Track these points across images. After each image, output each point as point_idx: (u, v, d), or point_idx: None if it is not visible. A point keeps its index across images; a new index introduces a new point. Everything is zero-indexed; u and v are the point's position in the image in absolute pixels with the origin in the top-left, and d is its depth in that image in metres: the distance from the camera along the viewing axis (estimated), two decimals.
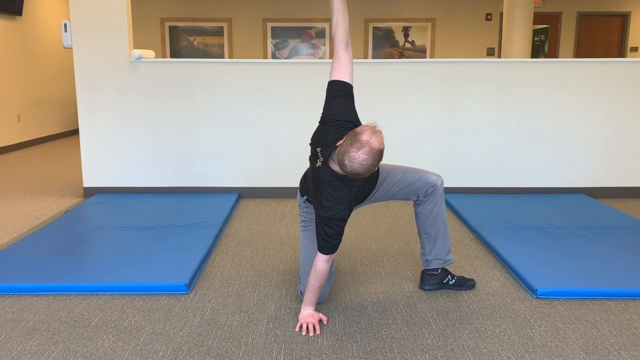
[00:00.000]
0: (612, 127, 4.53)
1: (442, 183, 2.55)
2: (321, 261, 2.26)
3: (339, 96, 2.29)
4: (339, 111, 2.27)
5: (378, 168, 2.34)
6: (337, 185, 2.19)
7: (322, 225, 2.21)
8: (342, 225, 2.22)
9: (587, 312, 2.44)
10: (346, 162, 2.04)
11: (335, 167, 2.18)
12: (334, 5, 2.31)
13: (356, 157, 2.02)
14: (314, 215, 2.32)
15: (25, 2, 7.61)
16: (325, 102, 2.32)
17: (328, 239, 2.22)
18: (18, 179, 5.45)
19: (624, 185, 4.61)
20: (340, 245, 3.31)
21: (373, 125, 2.09)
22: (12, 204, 4.43)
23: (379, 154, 2.04)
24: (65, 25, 4.42)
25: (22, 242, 3.28)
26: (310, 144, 2.32)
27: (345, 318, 2.38)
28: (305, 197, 2.49)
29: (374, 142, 2.02)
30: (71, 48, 4.47)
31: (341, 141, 2.11)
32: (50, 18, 8.39)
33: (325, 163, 2.21)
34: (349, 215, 2.25)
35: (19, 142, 7.48)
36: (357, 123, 2.28)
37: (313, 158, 2.28)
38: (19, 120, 7.53)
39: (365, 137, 2.02)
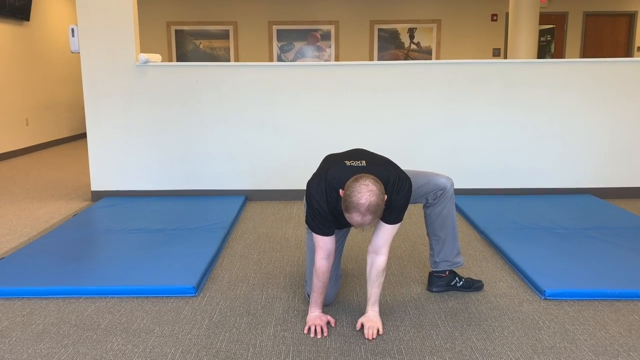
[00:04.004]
0: (619, 127, 4.51)
1: (452, 185, 2.54)
2: (319, 258, 2.26)
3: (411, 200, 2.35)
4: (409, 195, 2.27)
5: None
6: (328, 189, 2.20)
7: (308, 197, 2.24)
8: (318, 215, 2.21)
9: (596, 313, 2.43)
10: (351, 185, 2.03)
11: (343, 188, 2.13)
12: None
13: (359, 191, 2.00)
14: None
15: (33, 7, 7.66)
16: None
17: (311, 214, 2.23)
18: (27, 183, 5.48)
19: (632, 186, 4.59)
20: (344, 248, 3.33)
21: (374, 221, 2.07)
22: (21, 208, 4.46)
23: (364, 208, 2.00)
24: (72, 30, 4.45)
25: (31, 246, 3.30)
26: (364, 156, 2.30)
27: (353, 320, 2.38)
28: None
29: (365, 216, 2.02)
30: (78, 53, 4.50)
31: (375, 179, 2.07)
32: (57, 23, 8.45)
33: (349, 170, 2.18)
34: (326, 213, 2.22)
35: (27, 146, 7.53)
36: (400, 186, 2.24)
37: (351, 156, 2.27)
38: (27, 125, 7.58)
39: (371, 199, 2.00)
